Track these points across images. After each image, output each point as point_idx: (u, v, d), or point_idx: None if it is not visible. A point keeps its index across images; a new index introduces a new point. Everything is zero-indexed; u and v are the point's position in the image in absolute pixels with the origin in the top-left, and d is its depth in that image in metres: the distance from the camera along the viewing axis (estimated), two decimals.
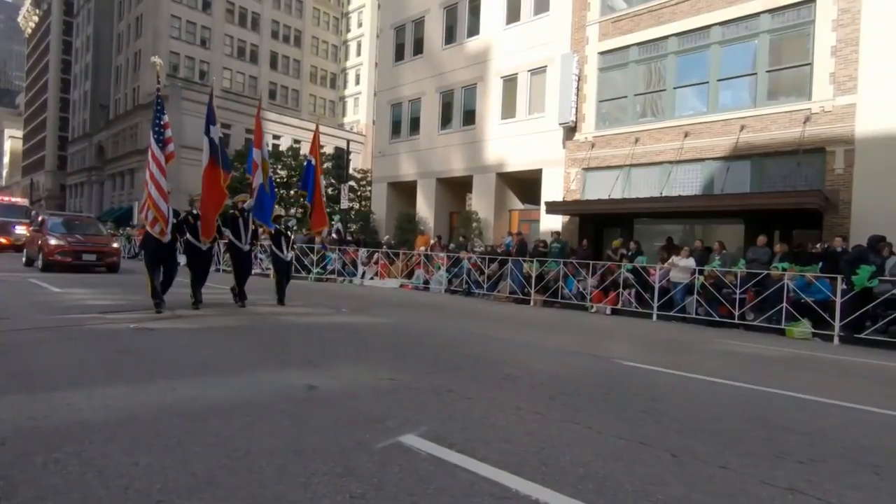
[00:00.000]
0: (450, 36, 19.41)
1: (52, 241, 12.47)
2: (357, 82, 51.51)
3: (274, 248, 8.79)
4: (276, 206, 9.78)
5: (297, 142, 39.05)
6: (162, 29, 40.15)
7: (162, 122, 7.01)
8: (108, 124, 46.36)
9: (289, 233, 8.97)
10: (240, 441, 2.59)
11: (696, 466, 2.53)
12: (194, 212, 7.62)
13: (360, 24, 51.33)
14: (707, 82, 13.13)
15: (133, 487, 2.07)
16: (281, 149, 34.12)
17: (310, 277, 15.11)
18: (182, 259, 7.94)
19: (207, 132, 7.89)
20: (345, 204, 19.25)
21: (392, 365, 4.54)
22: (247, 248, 8.23)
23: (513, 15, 17.24)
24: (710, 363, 5.74)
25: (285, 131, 40.51)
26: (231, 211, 8.20)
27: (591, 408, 3.53)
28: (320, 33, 51.73)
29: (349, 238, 18.05)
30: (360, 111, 50.91)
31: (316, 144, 9.89)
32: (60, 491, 2.02)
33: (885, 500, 2.26)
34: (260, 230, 8.72)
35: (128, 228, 27.25)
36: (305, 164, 10.28)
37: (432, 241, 15.91)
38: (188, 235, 7.57)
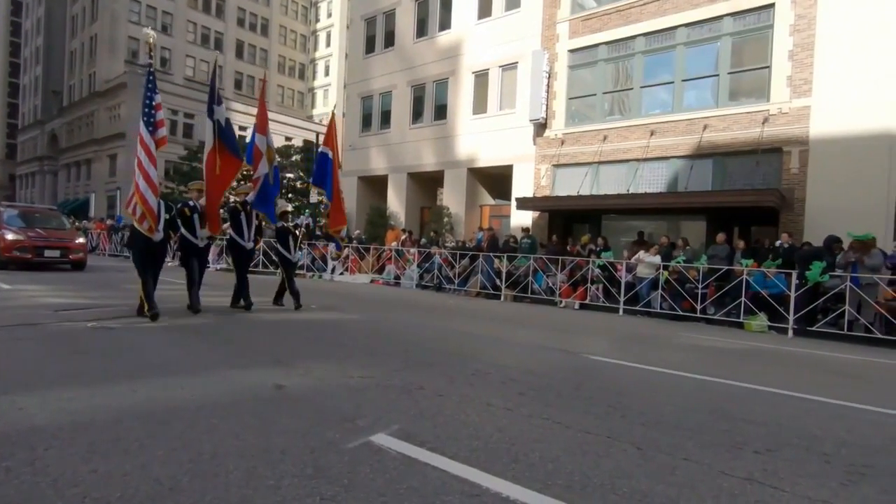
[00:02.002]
0: (421, 29, 19.26)
1: (10, 236, 11.40)
2: (327, 74, 50.61)
3: (280, 247, 8.18)
4: (281, 202, 9.15)
5: None
6: (120, 13, 38.40)
7: (154, 103, 6.20)
8: (61, 112, 44.11)
9: (297, 231, 8.36)
10: (205, 444, 2.53)
11: (660, 459, 2.61)
12: (190, 203, 6.87)
13: (329, 15, 50.36)
14: (672, 82, 13.46)
15: (91, 496, 1.99)
16: (248, 140, 33.26)
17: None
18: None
19: (211, 114, 7.10)
20: (314, 198, 18.91)
21: (363, 362, 4.51)
22: (250, 245, 7.51)
23: (484, 10, 17.24)
24: (674, 357, 5.93)
25: (252, 122, 39.44)
26: (233, 203, 7.45)
27: (559, 403, 3.59)
28: (288, 22, 50.52)
29: (318, 233, 17.77)
30: (329, 103, 50.05)
31: (333, 135, 8.92)
32: (12, 503, 1.92)
33: (834, 487, 2.39)
34: (264, 225, 8.09)
35: (84, 221, 26.07)
36: (319, 156, 9.13)
37: (403, 237, 15.84)
38: (182, 230, 6.77)
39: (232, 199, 8.07)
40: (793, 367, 5.80)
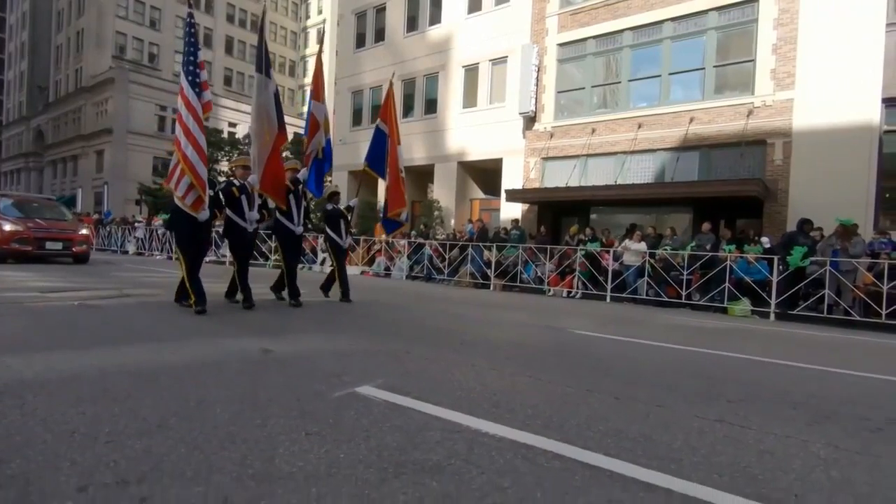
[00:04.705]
0: (412, 24, 19.31)
1: (8, 227, 10.52)
2: None
3: (330, 231, 7.41)
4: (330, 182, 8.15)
5: None
6: (107, 7, 37.97)
7: (197, 60, 5.30)
8: (47, 107, 43.54)
9: (349, 214, 7.57)
10: (192, 393, 2.57)
11: (637, 406, 2.70)
12: (237, 182, 6.02)
13: (320, 11, 50.16)
14: (659, 76, 13.64)
15: (79, 432, 2.03)
16: (237, 136, 33.17)
17: (268, 265, 14.79)
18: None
19: (260, 69, 6.23)
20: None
21: (350, 334, 4.56)
22: (299, 230, 6.71)
23: (475, 5, 17.32)
24: (657, 332, 6.03)
25: (242, 118, 39.15)
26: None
27: (543, 365, 3.67)
28: (279, 19, 50.27)
29: (309, 226, 17.74)
30: None
31: (390, 106, 7.94)
32: (1, 437, 1.96)
33: (800, 427, 2.49)
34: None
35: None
36: (375, 132, 8.08)
37: None
38: (229, 213, 5.94)
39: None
40: (772, 342, 5.93)
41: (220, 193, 5.82)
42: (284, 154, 9.65)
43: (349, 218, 7.63)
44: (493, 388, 2.91)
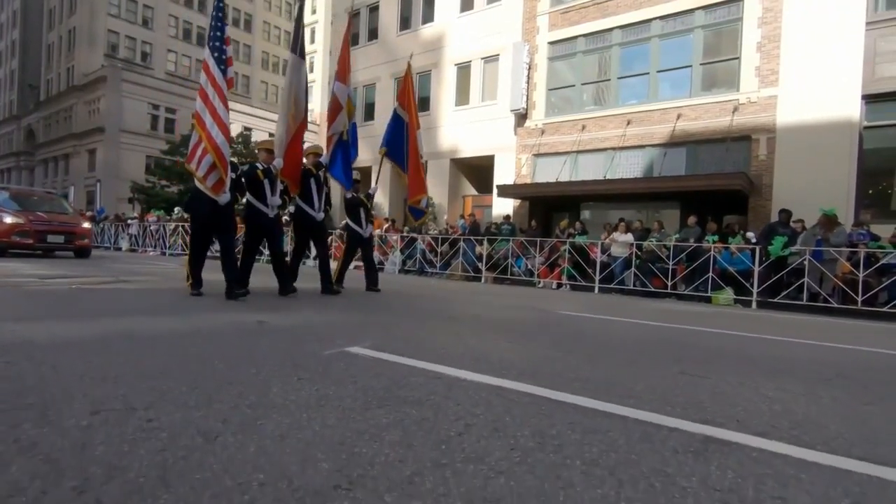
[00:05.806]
0: (405, 23, 19.53)
1: (8, 219, 10.25)
2: (311, 70, 50.43)
3: (350, 221, 7.17)
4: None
5: (247, 129, 37.95)
6: (99, 5, 37.90)
7: (224, 35, 5.15)
8: (38, 106, 43.31)
9: (369, 203, 7.32)
10: (190, 352, 2.74)
11: (608, 363, 2.90)
12: (261, 167, 5.71)
13: (314, 11, 50.27)
14: (648, 73, 13.91)
15: (88, 375, 2.20)
16: (231, 135, 33.24)
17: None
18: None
19: (294, 50, 6.12)
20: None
21: (343, 311, 4.72)
22: (320, 216, 6.40)
23: (466, 3, 17.57)
24: (640, 315, 6.24)
25: (235, 118, 39.15)
26: (302, 167, 6.36)
27: (525, 336, 3.86)
28: (272, 18, 50.32)
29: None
30: (314, 100, 49.95)
31: (409, 89, 7.60)
32: (13, 378, 2.12)
33: (756, 377, 2.69)
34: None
35: None
36: (392, 116, 7.79)
37: (386, 225, 16.02)
38: (250, 197, 5.68)
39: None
40: (748, 322, 6.15)
41: (243, 177, 5.65)
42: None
43: (369, 206, 7.42)
44: (475, 350, 3.10)
